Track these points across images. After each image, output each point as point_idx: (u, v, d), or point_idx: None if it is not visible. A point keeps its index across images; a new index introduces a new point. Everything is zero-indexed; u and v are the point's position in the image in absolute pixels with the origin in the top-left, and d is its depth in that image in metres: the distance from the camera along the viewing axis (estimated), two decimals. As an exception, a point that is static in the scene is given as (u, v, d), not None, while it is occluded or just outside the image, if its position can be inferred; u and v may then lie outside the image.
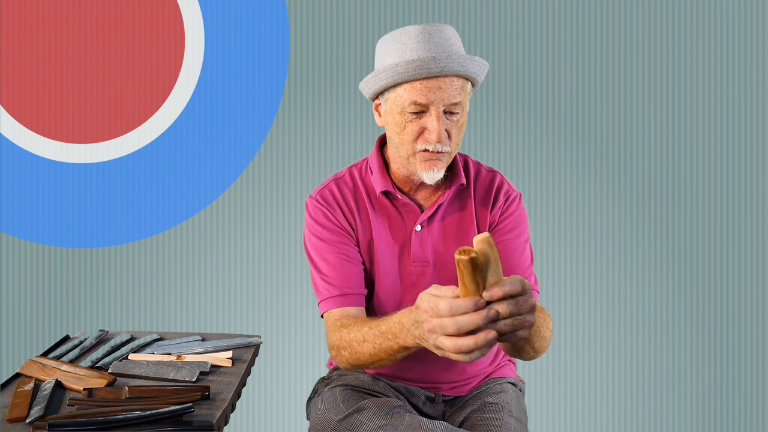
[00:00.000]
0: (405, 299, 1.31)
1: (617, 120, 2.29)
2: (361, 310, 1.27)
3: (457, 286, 0.87)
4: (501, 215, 1.31)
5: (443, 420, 1.34)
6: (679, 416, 2.32)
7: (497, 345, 1.43)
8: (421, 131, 1.20)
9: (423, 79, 1.16)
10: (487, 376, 1.41)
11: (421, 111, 1.18)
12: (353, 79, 2.26)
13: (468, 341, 0.84)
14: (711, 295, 2.31)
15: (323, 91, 2.28)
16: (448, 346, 0.86)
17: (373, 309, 1.33)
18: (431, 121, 1.18)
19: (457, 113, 1.20)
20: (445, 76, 1.16)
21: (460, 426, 1.27)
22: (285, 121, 2.28)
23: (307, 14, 2.25)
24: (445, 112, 1.19)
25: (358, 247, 1.30)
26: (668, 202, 2.31)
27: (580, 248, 2.31)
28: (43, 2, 2.19)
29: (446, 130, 1.20)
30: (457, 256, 0.83)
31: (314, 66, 2.27)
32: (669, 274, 2.32)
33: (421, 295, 0.92)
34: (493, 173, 1.36)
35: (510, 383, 1.40)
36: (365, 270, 1.31)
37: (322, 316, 1.29)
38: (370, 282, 1.32)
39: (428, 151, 1.20)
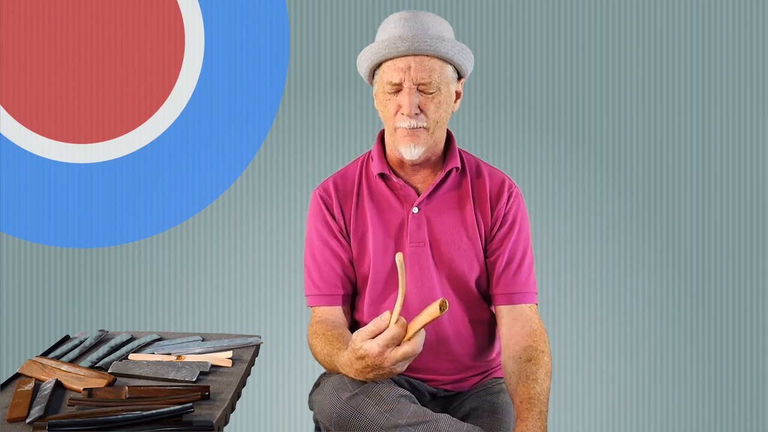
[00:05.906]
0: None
1: (617, 120, 2.29)
2: (340, 310, 1.37)
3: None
4: (505, 211, 1.35)
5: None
6: (679, 416, 2.31)
7: (498, 344, 1.44)
8: (398, 108, 1.27)
9: (396, 58, 1.24)
10: (488, 374, 1.42)
11: (397, 90, 1.26)
12: (353, 79, 2.26)
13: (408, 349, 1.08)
14: (711, 296, 2.31)
15: (323, 91, 2.28)
16: (400, 368, 1.09)
17: (370, 293, 1.36)
18: (403, 97, 1.25)
19: (432, 92, 1.25)
20: (414, 55, 1.23)
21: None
22: (285, 121, 2.28)
23: (307, 14, 2.25)
24: (419, 90, 1.25)
25: (348, 238, 1.36)
26: (668, 202, 2.31)
27: (579, 248, 2.31)
28: (43, 2, 2.19)
29: (421, 106, 1.25)
30: (437, 309, 1.04)
31: (314, 66, 2.27)
32: (669, 274, 2.32)
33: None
34: (491, 168, 1.40)
35: None
36: (352, 264, 1.37)
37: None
38: (366, 269, 1.36)
39: (405, 128, 1.27)
